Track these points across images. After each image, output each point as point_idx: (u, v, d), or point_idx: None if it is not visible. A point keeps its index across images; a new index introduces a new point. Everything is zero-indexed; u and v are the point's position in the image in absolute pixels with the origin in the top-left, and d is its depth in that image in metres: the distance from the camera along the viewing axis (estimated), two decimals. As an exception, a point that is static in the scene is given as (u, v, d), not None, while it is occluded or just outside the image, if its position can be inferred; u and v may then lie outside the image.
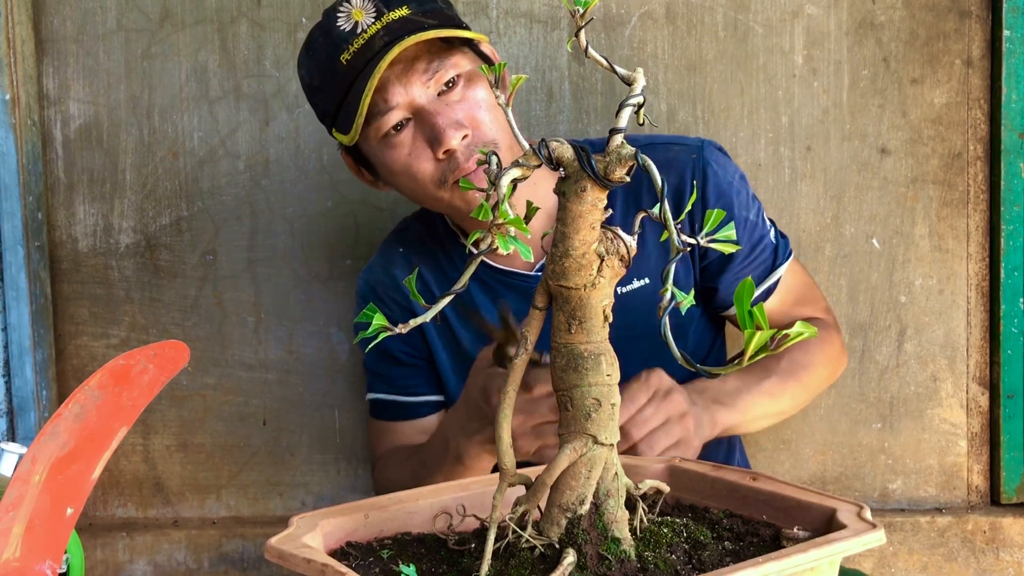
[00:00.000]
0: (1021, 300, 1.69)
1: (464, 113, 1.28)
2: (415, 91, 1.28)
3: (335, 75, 1.29)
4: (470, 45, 1.33)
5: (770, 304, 1.41)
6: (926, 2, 1.68)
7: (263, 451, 1.79)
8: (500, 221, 0.72)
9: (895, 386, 1.73)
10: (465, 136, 1.27)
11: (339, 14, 1.29)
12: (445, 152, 1.27)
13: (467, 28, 1.33)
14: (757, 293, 1.40)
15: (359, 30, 1.27)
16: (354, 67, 1.27)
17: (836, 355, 1.47)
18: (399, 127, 1.29)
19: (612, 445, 0.80)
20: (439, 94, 1.29)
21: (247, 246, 1.75)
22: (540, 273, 1.37)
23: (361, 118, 1.27)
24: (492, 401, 1.18)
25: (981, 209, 1.70)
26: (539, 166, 0.77)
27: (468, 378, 1.26)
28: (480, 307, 1.42)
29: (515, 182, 0.76)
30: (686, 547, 0.83)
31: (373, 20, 1.27)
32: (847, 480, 1.75)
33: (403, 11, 1.27)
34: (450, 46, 1.29)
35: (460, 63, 1.30)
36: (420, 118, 1.28)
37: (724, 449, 1.50)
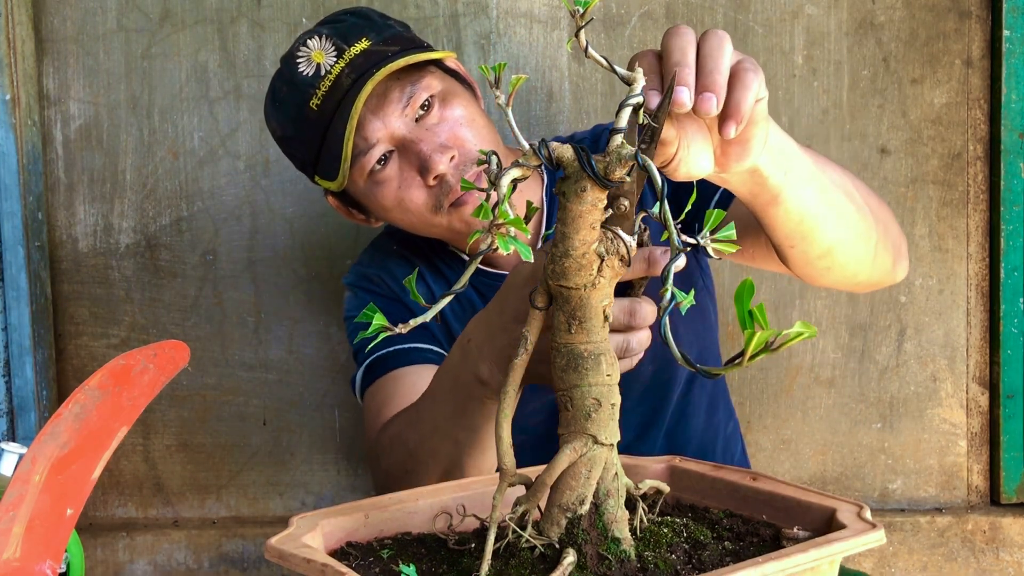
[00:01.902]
0: (1021, 300, 1.69)
1: (446, 134, 1.26)
2: (393, 123, 1.25)
3: (307, 123, 1.26)
4: (437, 64, 1.31)
5: None
6: (926, 2, 1.68)
7: (263, 451, 1.79)
8: (500, 221, 0.72)
9: (895, 386, 1.73)
10: (452, 157, 1.25)
11: (298, 60, 1.26)
12: (435, 178, 1.25)
13: (430, 47, 1.32)
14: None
15: (323, 72, 1.24)
16: (326, 111, 1.24)
17: (885, 208, 1.21)
18: (383, 161, 1.27)
19: (612, 445, 0.80)
20: (417, 119, 1.26)
21: (247, 246, 1.75)
22: None
23: (347, 162, 1.25)
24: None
25: (981, 209, 1.70)
26: (539, 166, 0.77)
27: (510, 275, 1.00)
28: (478, 309, 1.41)
29: (515, 182, 0.76)
30: (686, 547, 0.83)
31: (335, 59, 1.24)
32: (847, 480, 1.75)
33: (364, 44, 1.25)
34: (418, 68, 1.27)
35: (431, 84, 1.27)
36: (403, 148, 1.26)
37: (720, 447, 1.50)
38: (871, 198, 1.15)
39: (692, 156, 0.87)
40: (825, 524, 0.85)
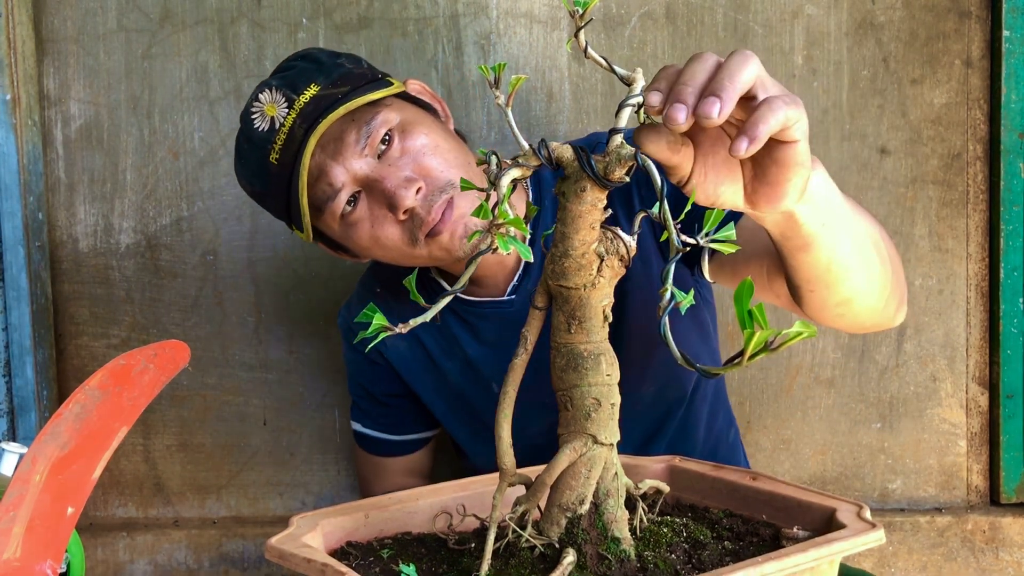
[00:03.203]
0: (1021, 300, 1.69)
1: (410, 167, 1.23)
2: (354, 164, 1.23)
3: (271, 177, 1.25)
4: (396, 93, 1.29)
5: None
6: (926, 2, 1.68)
7: (263, 451, 1.79)
8: (500, 221, 0.72)
9: (895, 386, 1.73)
10: (419, 189, 1.23)
11: (253, 116, 1.25)
12: (405, 212, 1.23)
13: (381, 78, 1.29)
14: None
15: (276, 125, 1.23)
16: (285, 164, 1.23)
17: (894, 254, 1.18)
18: (352, 203, 1.25)
19: (612, 445, 0.80)
20: (379, 156, 1.24)
21: (247, 246, 1.75)
22: (513, 297, 1.36)
23: (306, 217, 1.25)
24: None
25: (981, 209, 1.70)
26: (539, 166, 0.77)
27: None
28: (461, 340, 1.41)
29: (515, 182, 0.76)
30: (686, 547, 0.83)
31: (287, 111, 1.23)
32: (847, 480, 1.75)
33: (313, 90, 1.23)
34: (373, 105, 1.25)
35: (388, 118, 1.25)
36: (369, 188, 1.24)
37: (723, 456, 1.49)
38: (890, 247, 1.13)
39: (713, 186, 0.84)
40: (825, 524, 0.85)
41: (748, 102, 0.78)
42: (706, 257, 0.81)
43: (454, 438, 1.55)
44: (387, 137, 1.24)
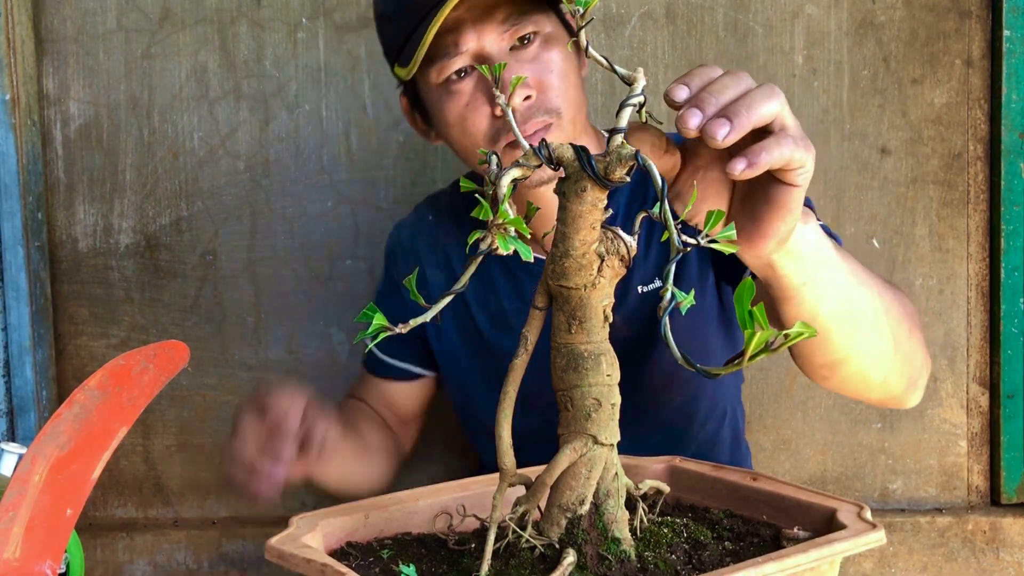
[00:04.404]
0: (1021, 300, 1.69)
1: (532, 73, 1.21)
2: (487, 39, 1.20)
3: (409, 6, 1.21)
4: (554, 9, 1.26)
5: None
6: (926, 2, 1.68)
7: (263, 451, 1.78)
8: (500, 221, 0.72)
9: (895, 386, 1.73)
10: (528, 97, 1.20)
11: None
12: (503, 110, 1.22)
13: None
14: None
15: None
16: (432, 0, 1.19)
17: (917, 332, 1.13)
18: (462, 73, 1.22)
19: (612, 445, 0.80)
20: (511, 48, 1.22)
21: (247, 246, 1.75)
22: None
23: (423, 49, 1.20)
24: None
25: (981, 209, 1.70)
26: (539, 166, 0.77)
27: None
28: (500, 291, 1.40)
29: (515, 182, 0.75)
30: (686, 547, 0.82)
31: None
32: (847, 480, 1.75)
33: None
34: (533, 3, 1.22)
35: (540, 22, 1.22)
36: None
37: (728, 449, 1.49)
38: (908, 326, 1.07)
39: (697, 202, 0.83)
40: (825, 524, 0.85)
41: (763, 134, 0.77)
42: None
43: (462, 396, 1.50)
44: (529, 37, 1.22)
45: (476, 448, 1.57)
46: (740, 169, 0.75)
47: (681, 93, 0.77)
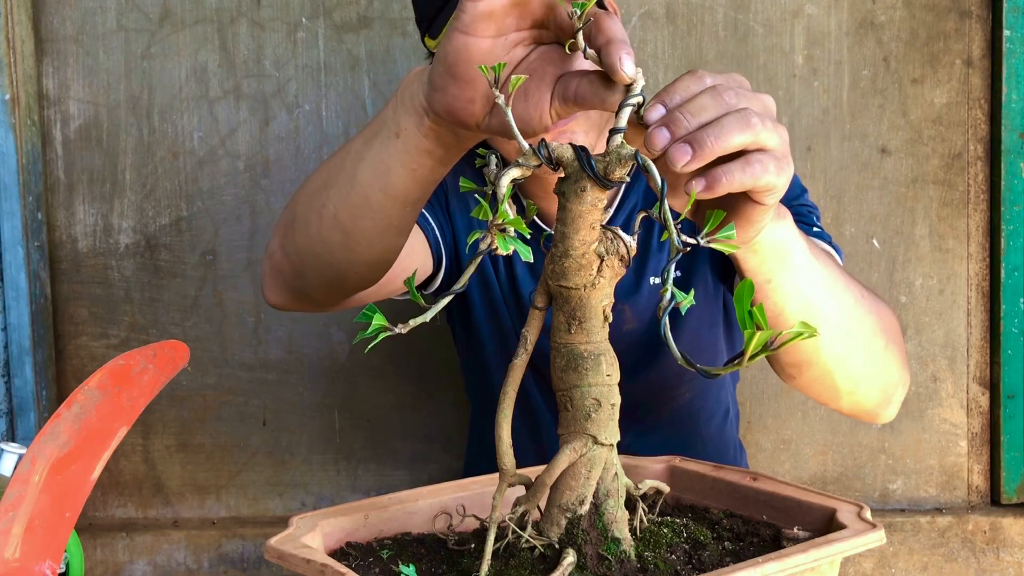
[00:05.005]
0: (1021, 300, 1.69)
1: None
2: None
3: None
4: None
5: None
6: (926, 2, 1.68)
7: (263, 451, 1.78)
8: (499, 221, 0.72)
9: (895, 386, 1.73)
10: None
11: None
12: None
13: None
14: None
15: None
16: None
17: (895, 331, 1.15)
18: None
19: (612, 445, 0.80)
20: None
21: (247, 246, 1.75)
22: None
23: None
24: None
25: (981, 209, 1.70)
26: (539, 166, 0.77)
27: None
28: (516, 254, 1.38)
29: (515, 182, 0.75)
30: (686, 547, 0.82)
31: None
32: (847, 480, 1.75)
33: None
34: None
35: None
36: None
37: (733, 447, 1.49)
38: (878, 337, 1.07)
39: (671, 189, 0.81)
40: (825, 524, 0.85)
41: (736, 154, 0.76)
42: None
43: (472, 346, 1.45)
44: None
45: (474, 406, 1.56)
46: (697, 190, 0.74)
47: (654, 114, 0.75)
